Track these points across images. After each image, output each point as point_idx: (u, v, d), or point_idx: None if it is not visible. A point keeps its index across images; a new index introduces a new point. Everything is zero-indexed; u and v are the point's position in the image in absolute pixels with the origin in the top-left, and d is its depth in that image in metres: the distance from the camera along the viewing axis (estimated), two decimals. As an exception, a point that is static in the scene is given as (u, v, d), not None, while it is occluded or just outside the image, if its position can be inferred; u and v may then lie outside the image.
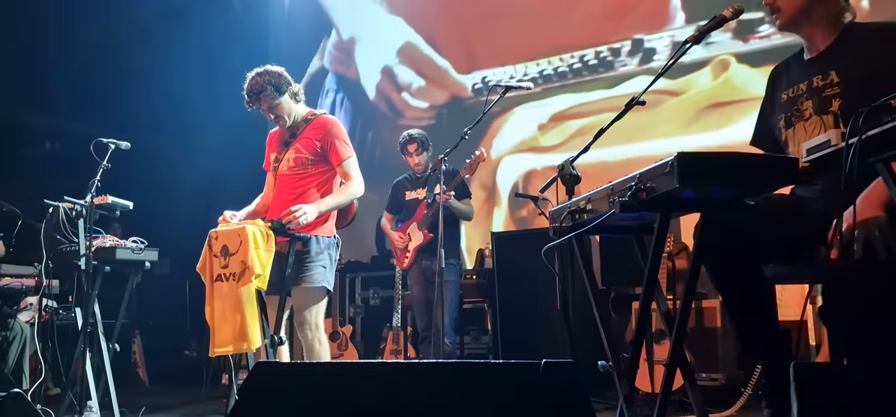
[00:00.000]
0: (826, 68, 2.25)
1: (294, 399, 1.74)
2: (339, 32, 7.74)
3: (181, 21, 7.08)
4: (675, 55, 2.36)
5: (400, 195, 5.15)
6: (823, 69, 2.25)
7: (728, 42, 5.45)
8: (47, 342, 3.96)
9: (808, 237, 2.12)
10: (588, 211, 2.27)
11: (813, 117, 2.25)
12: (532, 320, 4.93)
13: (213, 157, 6.91)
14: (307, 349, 3.45)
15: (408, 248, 4.98)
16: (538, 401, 1.51)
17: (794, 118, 2.31)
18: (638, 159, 5.21)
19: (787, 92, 2.37)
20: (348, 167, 3.57)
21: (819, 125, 2.23)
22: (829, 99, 2.21)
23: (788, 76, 2.41)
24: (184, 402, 5.06)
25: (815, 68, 2.29)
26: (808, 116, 2.27)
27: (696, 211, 2.09)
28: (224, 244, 3.31)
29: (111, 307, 4.14)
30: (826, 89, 2.22)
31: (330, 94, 7.74)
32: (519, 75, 6.47)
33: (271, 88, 3.46)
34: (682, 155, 1.80)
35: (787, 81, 2.40)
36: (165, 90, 6.80)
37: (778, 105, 2.41)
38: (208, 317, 3.32)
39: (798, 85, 2.33)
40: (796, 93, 2.32)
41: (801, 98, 2.29)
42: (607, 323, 2.46)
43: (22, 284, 4.25)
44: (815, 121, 2.25)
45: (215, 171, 6.79)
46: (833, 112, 2.19)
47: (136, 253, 3.95)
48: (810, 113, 2.26)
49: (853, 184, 1.54)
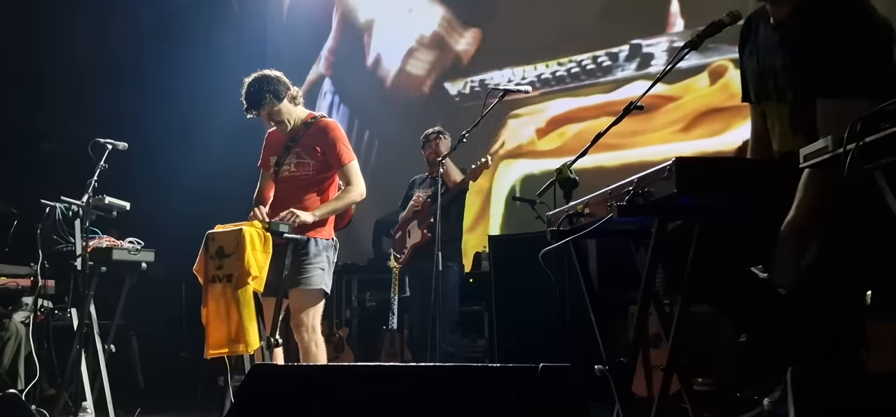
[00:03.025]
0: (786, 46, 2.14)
1: (291, 402, 1.74)
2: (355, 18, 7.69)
3: (180, 23, 7.08)
4: (674, 60, 2.36)
5: (411, 192, 5.15)
6: (784, 46, 2.14)
7: (725, 48, 5.46)
8: (43, 342, 3.94)
9: None
10: (586, 215, 2.27)
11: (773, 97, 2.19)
12: (528, 324, 4.93)
13: (210, 159, 6.89)
14: (304, 351, 3.44)
15: (405, 246, 5.00)
16: (536, 405, 1.51)
17: (763, 94, 2.24)
18: (634, 164, 5.22)
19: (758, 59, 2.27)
20: (349, 171, 3.58)
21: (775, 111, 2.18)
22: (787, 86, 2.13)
23: (756, 40, 2.29)
24: (179, 404, 5.04)
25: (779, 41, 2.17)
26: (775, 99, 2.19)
27: (693, 217, 2.09)
28: (220, 245, 3.31)
29: (107, 308, 4.13)
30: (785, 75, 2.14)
31: (328, 96, 7.74)
32: (517, 79, 6.48)
33: (270, 96, 3.47)
34: (680, 159, 1.80)
35: (754, 45, 2.29)
36: (164, 91, 6.79)
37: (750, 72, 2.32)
38: (204, 319, 3.32)
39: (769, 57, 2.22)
40: (767, 64, 2.22)
41: (768, 75, 2.21)
42: (604, 328, 2.46)
43: (17, 284, 4.23)
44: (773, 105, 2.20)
45: (213, 173, 6.77)
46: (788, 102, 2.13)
47: (133, 253, 3.94)
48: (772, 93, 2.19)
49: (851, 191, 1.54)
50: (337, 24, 7.78)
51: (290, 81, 3.61)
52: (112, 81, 6.75)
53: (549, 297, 4.58)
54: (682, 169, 1.79)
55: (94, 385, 3.82)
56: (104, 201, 3.83)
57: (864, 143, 1.52)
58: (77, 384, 3.72)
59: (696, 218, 2.03)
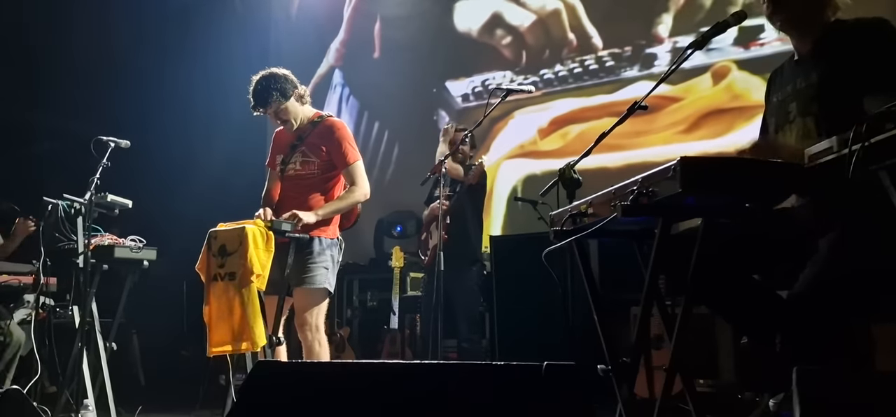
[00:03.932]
0: (808, 70, 2.25)
1: (295, 399, 1.74)
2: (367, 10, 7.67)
3: (183, 21, 7.08)
4: (679, 60, 2.35)
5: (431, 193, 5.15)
6: (806, 71, 2.26)
7: (729, 48, 5.46)
8: (44, 340, 3.94)
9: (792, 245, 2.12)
10: (589, 215, 2.27)
11: (797, 120, 2.25)
12: (529, 324, 4.93)
13: (212, 157, 6.90)
14: (307, 350, 3.44)
15: (429, 248, 5.02)
16: (540, 404, 1.50)
17: (781, 121, 2.32)
18: (637, 165, 5.22)
19: (778, 94, 2.38)
20: (354, 171, 3.57)
21: (801, 127, 2.23)
22: (811, 100, 2.21)
23: (781, 79, 2.42)
24: (181, 402, 5.04)
25: (800, 70, 2.30)
26: (792, 119, 2.27)
27: (697, 217, 2.09)
28: (222, 244, 3.31)
29: (108, 306, 4.12)
30: (808, 91, 2.22)
31: (337, 89, 7.73)
32: (519, 79, 6.47)
33: (277, 94, 3.46)
34: (684, 159, 1.79)
35: (779, 84, 2.41)
36: (166, 89, 6.80)
37: (771, 109, 2.43)
38: (206, 317, 3.32)
39: (786, 87, 2.34)
40: (784, 95, 2.33)
41: (788, 100, 2.30)
42: (606, 328, 2.46)
43: (20, 282, 4.23)
44: (798, 123, 2.25)
45: (215, 171, 6.78)
46: (813, 113, 2.19)
47: (135, 251, 3.94)
48: (795, 115, 2.26)
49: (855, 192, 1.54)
50: (349, 17, 7.76)
51: (298, 80, 3.61)
52: (115, 79, 6.75)
53: (550, 298, 4.59)
54: (687, 168, 1.78)
55: (95, 383, 3.82)
56: (106, 199, 3.83)
57: (870, 144, 1.53)
58: (78, 381, 3.72)
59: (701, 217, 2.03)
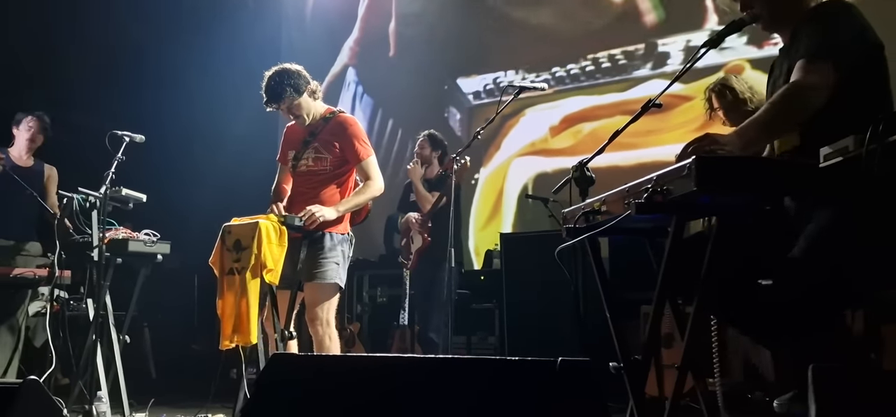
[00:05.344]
0: (784, 59, 2.28)
1: (309, 391, 1.75)
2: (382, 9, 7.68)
3: (195, 17, 7.11)
4: (693, 58, 2.35)
5: (406, 195, 5.22)
6: (785, 59, 2.27)
7: (742, 47, 5.43)
8: (58, 332, 3.97)
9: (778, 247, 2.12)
10: (602, 212, 2.27)
11: None
12: (539, 321, 4.93)
13: (226, 152, 6.93)
14: (318, 344, 3.46)
15: (411, 251, 5.08)
16: (554, 400, 1.51)
17: None
18: (649, 164, 5.21)
19: (771, 85, 2.42)
20: (368, 166, 3.59)
21: None
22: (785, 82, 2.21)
23: (774, 71, 2.44)
24: (192, 395, 5.06)
25: (783, 58, 2.32)
26: None
27: (712, 215, 2.09)
28: (237, 239, 3.33)
29: (121, 299, 4.16)
30: (784, 78, 2.23)
31: (351, 87, 7.74)
32: (531, 77, 6.47)
33: (290, 90, 3.48)
34: (700, 158, 1.79)
35: (772, 76, 2.43)
36: (181, 84, 6.83)
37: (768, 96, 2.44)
38: (219, 311, 3.34)
39: (776, 78, 2.36)
40: (774, 86, 2.36)
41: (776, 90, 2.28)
42: (619, 325, 2.46)
43: (34, 274, 4.27)
44: None
45: (228, 166, 6.81)
46: None
47: (149, 245, 3.97)
48: None
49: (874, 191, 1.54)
50: (363, 15, 7.77)
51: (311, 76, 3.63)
52: (130, 75, 6.81)
53: (560, 295, 4.59)
54: (702, 167, 1.78)
55: (108, 376, 3.85)
56: (121, 193, 3.86)
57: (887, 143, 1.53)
58: (92, 373, 3.75)
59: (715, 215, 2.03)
